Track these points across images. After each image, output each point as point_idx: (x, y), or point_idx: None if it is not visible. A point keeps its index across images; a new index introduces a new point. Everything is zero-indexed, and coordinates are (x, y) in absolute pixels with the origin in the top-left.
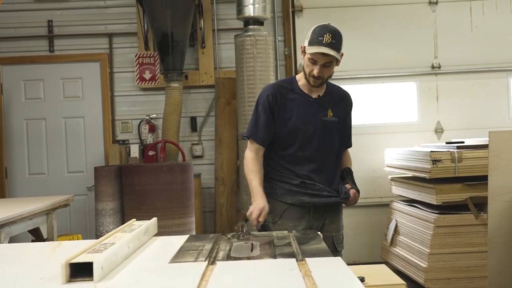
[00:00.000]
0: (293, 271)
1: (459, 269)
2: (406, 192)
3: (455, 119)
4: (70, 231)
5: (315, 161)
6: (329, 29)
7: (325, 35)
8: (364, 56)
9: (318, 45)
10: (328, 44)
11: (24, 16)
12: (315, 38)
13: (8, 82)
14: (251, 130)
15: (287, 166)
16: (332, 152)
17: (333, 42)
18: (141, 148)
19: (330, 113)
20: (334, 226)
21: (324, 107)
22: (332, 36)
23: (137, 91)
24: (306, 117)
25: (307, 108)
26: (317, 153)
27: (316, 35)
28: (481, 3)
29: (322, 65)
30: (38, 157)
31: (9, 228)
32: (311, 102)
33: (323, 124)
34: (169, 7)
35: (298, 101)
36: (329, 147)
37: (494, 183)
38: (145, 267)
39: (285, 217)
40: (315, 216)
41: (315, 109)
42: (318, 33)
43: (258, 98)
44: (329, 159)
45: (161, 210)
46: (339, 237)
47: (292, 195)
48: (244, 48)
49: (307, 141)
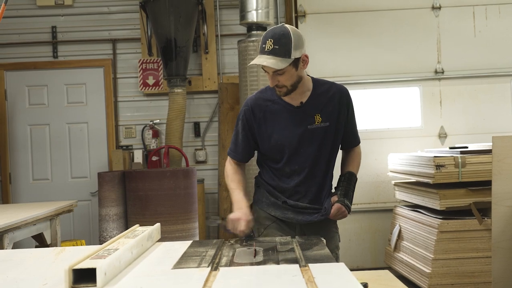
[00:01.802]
0: (296, 277)
1: (463, 274)
2: (410, 197)
3: (459, 124)
4: (73, 236)
5: (303, 173)
6: (272, 33)
7: (266, 41)
8: (367, 61)
9: (260, 54)
10: (270, 52)
11: (28, 22)
12: (260, 46)
13: (12, 88)
14: (232, 147)
15: (275, 179)
16: (324, 161)
17: (276, 47)
18: (145, 154)
19: (318, 119)
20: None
21: (309, 114)
22: (274, 41)
23: (141, 96)
24: (289, 130)
25: (288, 119)
26: (305, 165)
27: (261, 42)
28: (484, 8)
29: (274, 73)
30: (42, 162)
31: (12, 234)
32: (292, 112)
33: (309, 133)
34: (173, 13)
35: (278, 113)
36: (320, 156)
37: (498, 188)
38: (148, 273)
39: (271, 228)
40: (302, 232)
41: (298, 119)
42: (263, 39)
43: (239, 113)
44: (319, 168)
45: (164, 215)
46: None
47: (277, 208)
48: (247, 54)
49: (293, 155)
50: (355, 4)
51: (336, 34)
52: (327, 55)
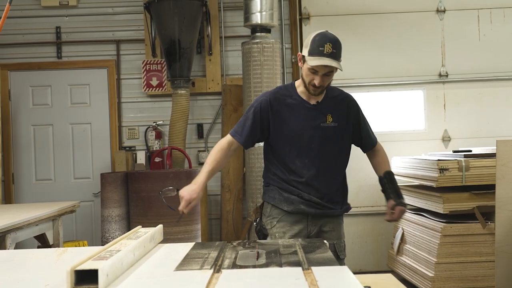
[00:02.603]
0: (299, 280)
1: (466, 278)
2: (413, 200)
3: (463, 128)
4: (76, 237)
5: (314, 168)
6: (329, 38)
7: (325, 45)
8: (371, 64)
9: (320, 56)
10: (329, 55)
11: (32, 22)
12: (315, 48)
13: (16, 88)
14: (236, 129)
15: (287, 173)
16: (333, 158)
17: (334, 51)
18: (148, 155)
19: (329, 119)
20: (335, 233)
21: (323, 113)
22: (332, 46)
23: (144, 97)
24: (303, 124)
25: (304, 115)
26: (316, 160)
27: (316, 45)
28: (488, 12)
29: (323, 75)
30: (45, 163)
31: (15, 234)
32: (309, 109)
33: (322, 131)
34: (177, 14)
35: (295, 107)
36: (330, 153)
37: (501, 192)
38: (150, 275)
39: (283, 221)
40: (313, 222)
41: (313, 116)
42: (318, 42)
43: (253, 102)
44: (330, 165)
45: (167, 217)
46: (340, 245)
47: (290, 203)
48: (251, 56)
49: (305, 148)
50: (360, 7)
51: (340, 36)
52: None
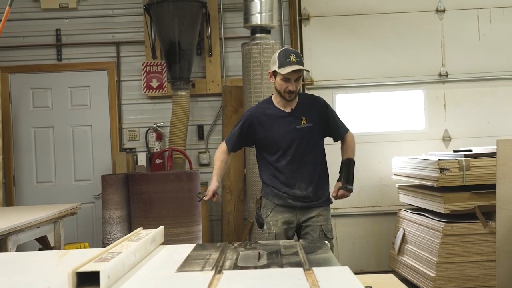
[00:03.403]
0: (300, 281)
1: (467, 278)
2: (414, 200)
3: (463, 127)
4: (77, 239)
5: (295, 163)
6: (292, 51)
7: (290, 56)
8: (371, 64)
9: (289, 65)
10: (296, 62)
11: (32, 25)
12: (283, 61)
13: (16, 91)
14: (229, 136)
15: (274, 170)
16: (311, 152)
17: (298, 59)
18: (148, 156)
19: (304, 121)
20: (322, 217)
21: (297, 117)
22: (296, 55)
23: (144, 99)
24: (282, 129)
25: (282, 121)
26: (296, 156)
27: (283, 58)
28: (488, 11)
29: (295, 80)
30: (45, 165)
31: (16, 237)
32: (285, 116)
33: (298, 132)
34: (177, 16)
35: (274, 116)
36: (307, 149)
37: (502, 192)
38: (152, 276)
39: (276, 211)
40: (301, 212)
41: (289, 121)
42: (284, 56)
43: (242, 115)
44: (309, 158)
45: (168, 218)
46: (327, 226)
47: (279, 198)
48: (251, 57)
49: (286, 148)
50: (359, 7)
51: (340, 37)
52: (331, 58)
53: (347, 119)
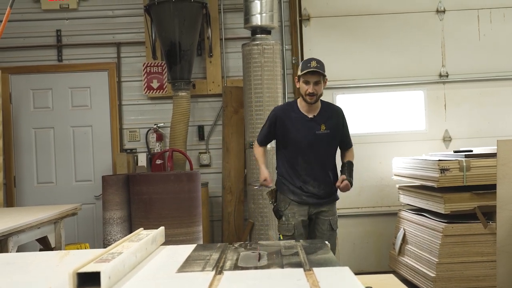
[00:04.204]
0: (301, 281)
1: (467, 278)
2: (414, 201)
3: (463, 128)
4: (77, 240)
5: (311, 163)
6: (314, 59)
7: (311, 62)
8: (371, 64)
9: (308, 69)
10: (315, 67)
11: (32, 26)
12: (304, 66)
13: (16, 92)
14: (260, 137)
15: (291, 168)
16: (325, 156)
17: (318, 65)
18: (149, 157)
19: (323, 127)
20: (331, 212)
21: (318, 123)
22: (317, 62)
23: (145, 100)
24: (303, 132)
25: (304, 125)
26: (312, 157)
27: (305, 64)
28: (488, 12)
29: (314, 83)
30: (46, 166)
31: (17, 237)
32: (307, 121)
33: (317, 137)
34: (177, 17)
35: (297, 119)
36: (322, 152)
37: (502, 192)
38: (152, 277)
39: (292, 204)
40: (314, 207)
41: (310, 125)
42: (306, 62)
43: (269, 115)
44: (323, 160)
45: (168, 219)
46: (334, 220)
47: (294, 194)
48: (251, 57)
49: (304, 149)
50: (359, 8)
51: (340, 37)
52: (331, 59)
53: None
